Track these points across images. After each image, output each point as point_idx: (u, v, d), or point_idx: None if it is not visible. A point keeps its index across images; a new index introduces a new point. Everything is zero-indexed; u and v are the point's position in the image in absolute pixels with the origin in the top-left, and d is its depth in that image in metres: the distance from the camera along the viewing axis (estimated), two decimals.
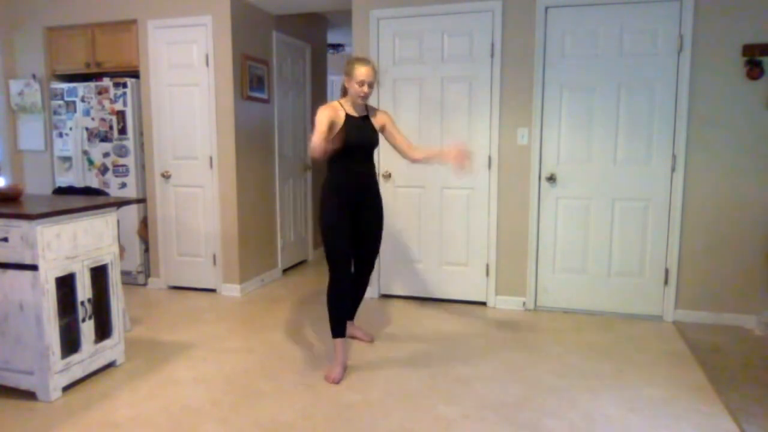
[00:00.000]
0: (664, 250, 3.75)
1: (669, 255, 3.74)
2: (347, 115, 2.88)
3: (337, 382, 2.79)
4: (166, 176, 4.49)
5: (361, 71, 2.81)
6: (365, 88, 2.83)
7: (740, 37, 3.47)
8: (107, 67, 4.55)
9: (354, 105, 2.92)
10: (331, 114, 2.82)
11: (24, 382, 2.64)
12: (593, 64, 3.73)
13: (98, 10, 4.50)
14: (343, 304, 2.89)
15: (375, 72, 2.87)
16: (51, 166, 4.79)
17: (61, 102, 4.62)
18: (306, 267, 5.47)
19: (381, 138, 3.05)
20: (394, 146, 3.07)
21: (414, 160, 3.04)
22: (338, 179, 2.91)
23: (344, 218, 2.88)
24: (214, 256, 4.47)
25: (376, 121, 3.00)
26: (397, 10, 4.03)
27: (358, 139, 2.87)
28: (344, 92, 2.95)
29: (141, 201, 3.43)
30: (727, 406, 2.55)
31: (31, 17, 4.69)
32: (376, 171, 3.14)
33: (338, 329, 2.90)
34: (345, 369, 2.88)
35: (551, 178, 3.88)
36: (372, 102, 4.02)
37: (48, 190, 4.67)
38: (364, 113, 2.97)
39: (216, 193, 4.39)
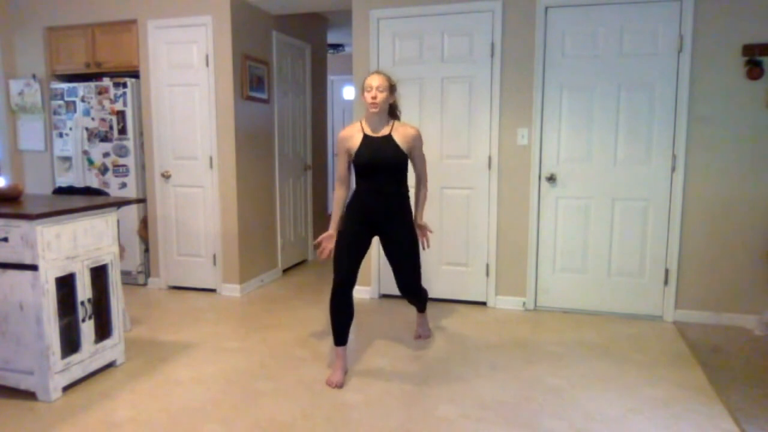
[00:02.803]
0: (664, 250, 3.75)
1: (669, 255, 3.74)
2: (364, 136, 2.83)
3: (340, 386, 2.77)
4: (166, 176, 4.49)
5: (368, 79, 2.78)
6: (373, 93, 2.74)
7: (740, 37, 3.47)
8: (107, 67, 4.55)
9: (370, 121, 2.84)
10: (343, 146, 2.87)
11: (24, 382, 2.64)
12: (593, 64, 3.73)
13: (98, 10, 4.50)
14: (339, 314, 2.80)
15: (386, 79, 2.78)
16: (51, 166, 4.79)
17: (61, 102, 4.62)
18: (306, 267, 5.47)
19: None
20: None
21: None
22: (354, 198, 2.90)
23: (354, 233, 2.84)
24: (214, 256, 4.47)
25: (401, 138, 2.82)
26: (397, 10, 4.03)
27: (369, 159, 2.79)
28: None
29: (141, 201, 3.43)
30: (727, 406, 2.55)
31: (31, 17, 4.69)
32: (406, 192, 2.93)
33: (337, 338, 2.84)
34: (346, 373, 2.87)
35: (551, 178, 3.88)
36: None
37: (48, 190, 4.67)
38: (387, 132, 2.84)
39: (216, 193, 4.39)
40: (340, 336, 2.83)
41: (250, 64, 4.45)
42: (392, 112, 2.92)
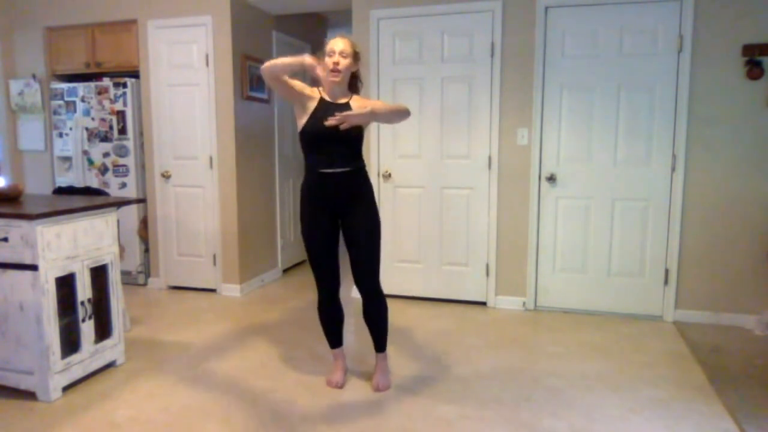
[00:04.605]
0: (664, 250, 3.75)
1: (669, 255, 3.74)
2: (321, 99, 2.55)
3: (340, 386, 2.77)
4: (166, 176, 4.49)
5: (331, 42, 2.51)
6: (336, 58, 2.47)
7: (740, 37, 3.47)
8: (107, 67, 4.55)
9: (331, 91, 2.56)
10: (303, 84, 2.55)
11: (24, 382, 2.64)
12: (593, 64, 3.73)
13: (98, 10, 4.50)
14: (330, 322, 2.77)
15: (350, 44, 2.52)
16: (51, 166, 4.79)
17: (61, 102, 4.62)
18: (306, 267, 5.46)
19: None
20: None
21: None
22: (309, 181, 2.58)
23: (319, 227, 2.59)
24: (214, 256, 4.47)
25: (360, 107, 2.50)
26: (397, 10, 4.03)
27: (324, 128, 2.40)
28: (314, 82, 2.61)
29: (141, 201, 3.43)
30: (727, 406, 2.55)
31: (31, 17, 4.69)
32: (363, 168, 2.63)
33: (331, 341, 2.81)
34: (346, 373, 2.86)
35: (551, 178, 3.88)
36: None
37: (48, 190, 4.67)
38: (345, 101, 2.57)
39: (216, 193, 4.39)
40: (335, 340, 2.82)
41: (250, 64, 4.45)
42: (353, 85, 2.64)
